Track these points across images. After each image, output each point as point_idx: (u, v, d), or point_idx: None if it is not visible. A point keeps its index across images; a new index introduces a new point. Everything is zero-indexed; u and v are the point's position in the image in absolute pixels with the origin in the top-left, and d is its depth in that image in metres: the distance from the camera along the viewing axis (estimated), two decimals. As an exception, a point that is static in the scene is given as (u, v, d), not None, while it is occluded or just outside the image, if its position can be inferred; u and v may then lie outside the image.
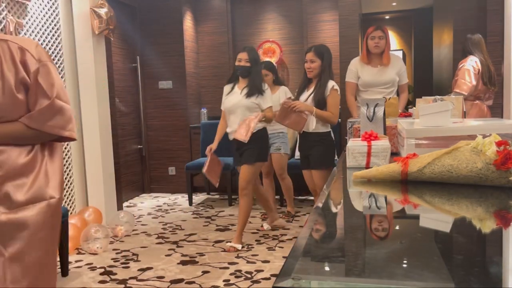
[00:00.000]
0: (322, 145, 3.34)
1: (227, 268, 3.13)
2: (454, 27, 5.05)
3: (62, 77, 3.95)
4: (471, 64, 3.74)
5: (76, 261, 3.31)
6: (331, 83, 3.28)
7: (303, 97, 3.36)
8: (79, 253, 3.47)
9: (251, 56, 3.41)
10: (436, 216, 1.07)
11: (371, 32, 3.68)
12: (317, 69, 3.32)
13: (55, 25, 3.84)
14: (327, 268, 0.72)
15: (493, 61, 3.91)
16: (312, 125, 3.22)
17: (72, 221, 3.54)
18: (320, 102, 3.27)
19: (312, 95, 3.30)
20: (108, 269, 3.14)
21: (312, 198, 4.74)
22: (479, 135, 1.23)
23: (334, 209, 1.17)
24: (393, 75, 3.66)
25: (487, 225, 0.95)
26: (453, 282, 0.64)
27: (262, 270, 3.06)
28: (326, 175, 3.29)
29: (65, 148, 3.97)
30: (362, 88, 3.76)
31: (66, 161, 3.98)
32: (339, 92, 3.31)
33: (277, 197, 4.75)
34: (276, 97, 4.05)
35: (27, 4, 3.53)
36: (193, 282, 2.90)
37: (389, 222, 1.06)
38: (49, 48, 3.78)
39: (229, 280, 2.92)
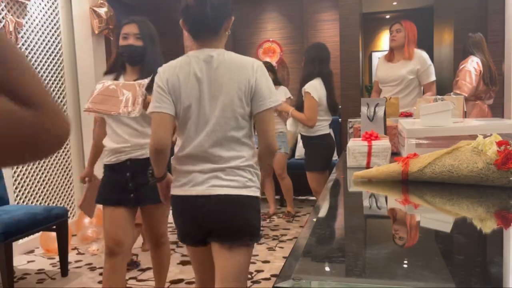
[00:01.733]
0: (313, 148, 3.35)
1: (227, 268, 3.13)
2: (454, 27, 5.05)
3: (62, 77, 3.95)
4: (473, 65, 3.72)
5: (76, 261, 3.30)
6: (306, 86, 3.17)
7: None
8: (78, 253, 3.47)
9: (144, 31, 2.16)
10: (437, 216, 1.07)
11: (390, 27, 3.56)
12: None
13: (54, 24, 3.84)
14: (327, 269, 0.72)
15: (494, 60, 3.90)
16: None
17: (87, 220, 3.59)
18: (299, 104, 3.25)
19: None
20: (108, 269, 3.13)
21: (312, 198, 4.74)
22: (480, 135, 1.23)
23: (334, 209, 1.17)
24: (404, 72, 3.44)
25: (488, 225, 0.95)
26: (454, 283, 0.63)
27: (262, 271, 3.05)
28: (318, 178, 3.32)
29: (65, 148, 3.97)
30: (380, 85, 3.67)
31: (66, 161, 3.97)
32: (313, 94, 3.13)
33: (277, 197, 4.75)
34: None
35: (27, 4, 3.53)
36: (193, 282, 2.90)
37: (390, 223, 1.05)
38: (49, 48, 3.78)
39: (229, 280, 2.92)
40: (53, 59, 3.82)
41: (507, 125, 1.60)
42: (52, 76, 3.82)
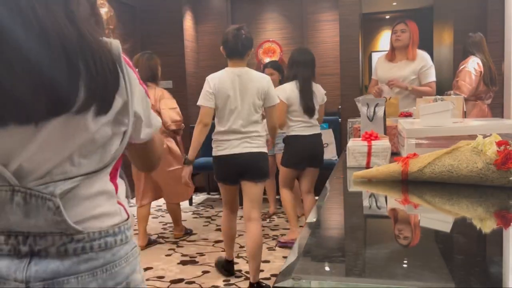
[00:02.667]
0: (285, 145, 3.52)
1: (227, 268, 3.13)
2: (454, 27, 5.05)
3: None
4: (473, 66, 3.71)
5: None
6: (276, 88, 3.25)
7: None
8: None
9: None
10: (437, 216, 1.07)
11: (394, 27, 3.54)
12: None
13: (55, 25, 3.84)
14: (327, 268, 0.72)
15: (494, 60, 3.90)
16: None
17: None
18: None
19: None
20: (108, 269, 3.14)
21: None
22: (480, 135, 1.23)
23: (334, 209, 1.17)
24: (407, 72, 3.44)
25: (488, 225, 0.95)
26: (453, 282, 0.64)
27: (262, 270, 3.05)
28: (283, 173, 3.50)
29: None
30: (380, 84, 3.63)
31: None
32: (280, 96, 3.13)
33: (278, 197, 4.73)
34: None
35: (27, 4, 3.53)
36: (193, 282, 2.90)
37: (390, 222, 1.06)
38: (49, 48, 3.78)
39: (229, 280, 2.92)
40: (53, 59, 3.81)
41: (507, 125, 1.60)
42: (52, 76, 3.82)
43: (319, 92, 3.39)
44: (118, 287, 0.83)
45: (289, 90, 3.29)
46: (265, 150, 2.68)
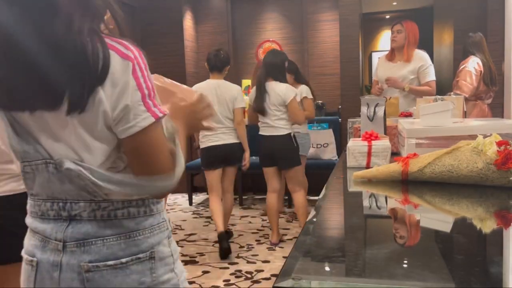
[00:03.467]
0: None
1: (227, 268, 3.13)
2: (454, 27, 5.05)
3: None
4: (473, 65, 3.71)
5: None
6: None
7: None
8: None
9: None
10: (437, 216, 1.07)
11: (391, 27, 3.56)
12: None
13: (55, 25, 3.84)
14: (327, 268, 0.72)
15: (494, 60, 3.90)
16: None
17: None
18: None
19: None
20: (108, 269, 3.13)
21: (312, 198, 4.70)
22: (480, 135, 1.23)
23: (334, 209, 1.17)
24: (405, 72, 3.45)
25: (488, 225, 0.95)
26: (453, 282, 0.64)
27: (262, 270, 3.06)
28: (264, 171, 3.60)
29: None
30: (380, 84, 3.61)
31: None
32: (247, 101, 3.57)
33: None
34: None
35: (27, 4, 3.52)
36: (193, 282, 2.90)
37: (390, 223, 1.06)
38: (49, 48, 3.77)
39: (229, 280, 2.92)
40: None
41: (507, 125, 1.60)
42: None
43: (275, 92, 3.32)
44: (141, 255, 0.92)
45: (252, 92, 3.52)
46: (237, 140, 3.49)
